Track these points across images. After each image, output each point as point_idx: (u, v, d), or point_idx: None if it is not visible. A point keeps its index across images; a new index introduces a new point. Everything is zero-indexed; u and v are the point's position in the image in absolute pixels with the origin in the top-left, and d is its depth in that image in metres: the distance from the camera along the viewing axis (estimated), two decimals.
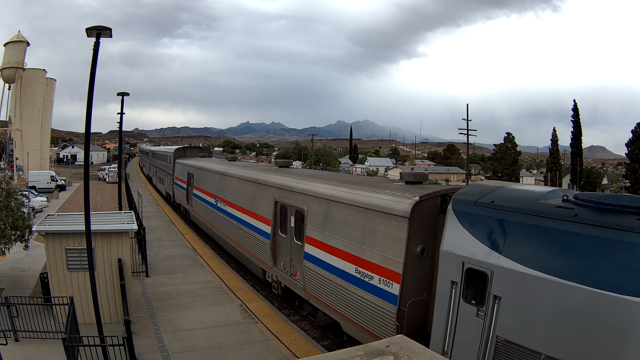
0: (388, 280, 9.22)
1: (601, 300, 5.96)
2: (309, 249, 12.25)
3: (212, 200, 21.83)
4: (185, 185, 28.77)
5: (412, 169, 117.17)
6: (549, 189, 8.45)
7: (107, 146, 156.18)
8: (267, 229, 14.89)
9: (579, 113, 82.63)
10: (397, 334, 8.12)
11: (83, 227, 10.39)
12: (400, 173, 11.80)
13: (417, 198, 9.08)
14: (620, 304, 5.78)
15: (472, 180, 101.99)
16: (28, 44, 60.18)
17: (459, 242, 7.92)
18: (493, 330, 7.18)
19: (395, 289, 9.00)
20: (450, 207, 8.33)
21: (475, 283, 7.57)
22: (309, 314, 13.64)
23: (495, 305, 7.16)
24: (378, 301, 9.46)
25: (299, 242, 13.01)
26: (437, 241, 8.92)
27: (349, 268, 10.47)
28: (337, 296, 10.93)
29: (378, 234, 9.77)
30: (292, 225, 13.47)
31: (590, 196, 7.19)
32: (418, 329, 9.00)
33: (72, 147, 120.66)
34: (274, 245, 14.56)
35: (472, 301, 7.59)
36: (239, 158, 31.27)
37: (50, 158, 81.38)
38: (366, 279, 9.88)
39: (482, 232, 7.67)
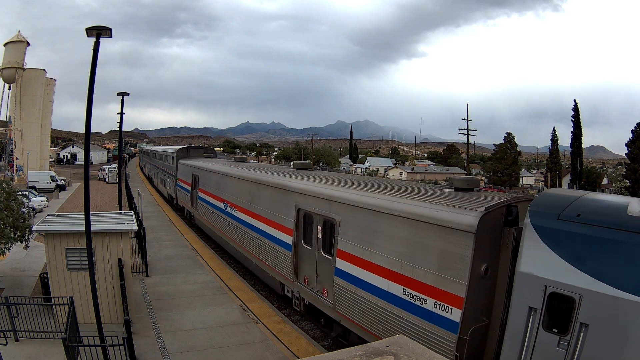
0: (446, 305, 8.10)
1: None
2: (341, 264, 10.96)
3: (221, 205, 20.44)
4: (189, 188, 27.57)
5: (412, 169, 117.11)
6: (628, 199, 7.69)
7: (107, 146, 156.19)
8: (288, 239, 13.51)
9: (579, 113, 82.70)
10: None
11: (83, 227, 10.38)
12: (450, 178, 10.73)
13: (483, 209, 7.98)
14: None
15: None
16: (28, 44, 60.17)
17: (541, 263, 6.99)
18: None
19: (455, 315, 7.89)
20: (528, 221, 7.30)
21: (559, 309, 6.76)
22: (338, 336, 12.19)
23: (582, 334, 6.47)
24: (433, 328, 8.34)
25: (327, 256, 11.73)
26: (500, 258, 8.11)
27: (395, 289, 9.24)
28: (379, 320, 9.72)
29: (433, 251, 8.56)
30: (319, 236, 12.12)
31: None
32: (477, 357, 8.21)
33: (72, 147, 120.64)
34: (296, 258, 13.19)
35: (554, 329, 6.78)
36: (247, 160, 30.07)
37: (50, 158, 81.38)
38: (417, 302, 8.70)
39: (569, 250, 6.78)
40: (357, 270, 10.38)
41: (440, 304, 8.24)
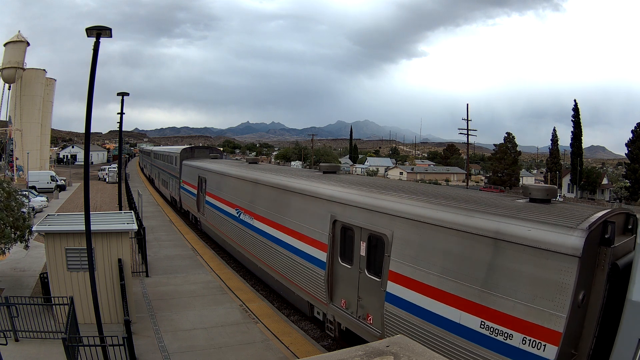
0: (539, 341, 7.00)
1: None
2: (394, 288, 9.52)
3: (233, 212, 18.70)
4: (195, 191, 25.97)
5: (412, 169, 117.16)
6: None
7: (107, 146, 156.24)
8: (321, 255, 11.88)
9: (579, 113, 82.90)
10: None
11: (83, 227, 10.38)
12: (526, 187, 9.53)
13: (586, 228, 6.87)
14: None
15: (472, 180, 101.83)
16: (28, 44, 60.25)
17: None
18: None
19: (550, 352, 6.80)
20: None
21: None
22: None
23: None
24: None
25: (375, 278, 10.24)
26: (594, 283, 7.20)
27: (470, 321, 8.00)
28: (446, 356, 8.40)
29: (522, 277, 7.38)
30: (363, 253, 10.62)
31: None
32: None
33: (72, 147, 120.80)
34: (330, 277, 11.59)
35: None
36: (260, 161, 27.18)
37: (50, 158, 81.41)
38: (500, 337, 7.50)
39: None
40: (417, 297, 8.99)
41: (530, 340, 7.11)
